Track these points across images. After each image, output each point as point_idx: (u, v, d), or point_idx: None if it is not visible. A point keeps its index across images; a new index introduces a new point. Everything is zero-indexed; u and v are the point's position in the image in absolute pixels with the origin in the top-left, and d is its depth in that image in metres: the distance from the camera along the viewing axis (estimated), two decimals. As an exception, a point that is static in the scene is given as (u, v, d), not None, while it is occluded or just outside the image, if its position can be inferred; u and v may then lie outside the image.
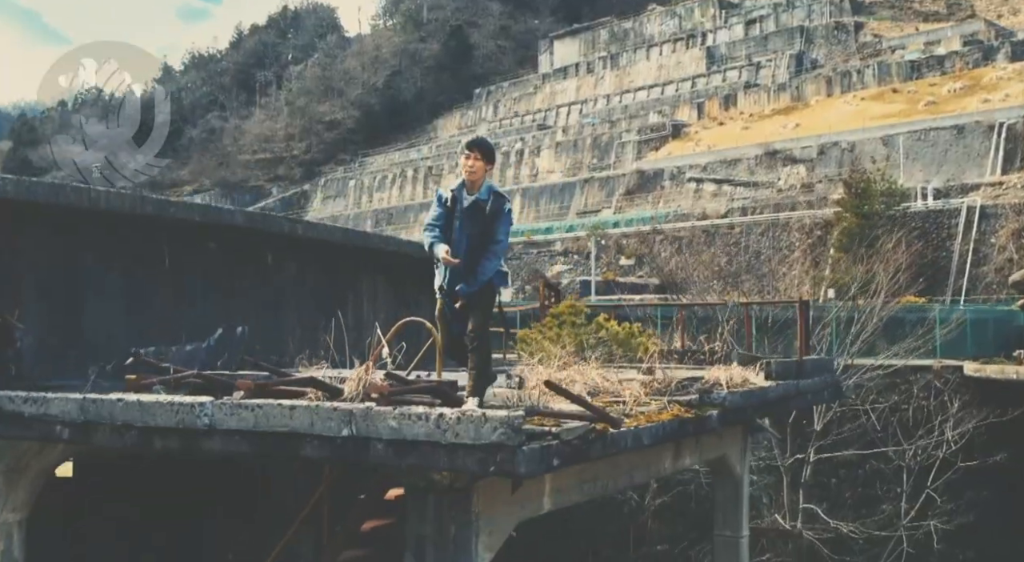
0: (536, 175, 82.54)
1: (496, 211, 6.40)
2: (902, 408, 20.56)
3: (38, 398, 6.82)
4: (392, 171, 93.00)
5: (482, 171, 6.42)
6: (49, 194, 8.65)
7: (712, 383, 8.81)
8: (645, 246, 58.37)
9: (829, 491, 20.78)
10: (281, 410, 5.97)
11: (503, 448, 5.36)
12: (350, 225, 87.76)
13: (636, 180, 72.34)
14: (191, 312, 10.21)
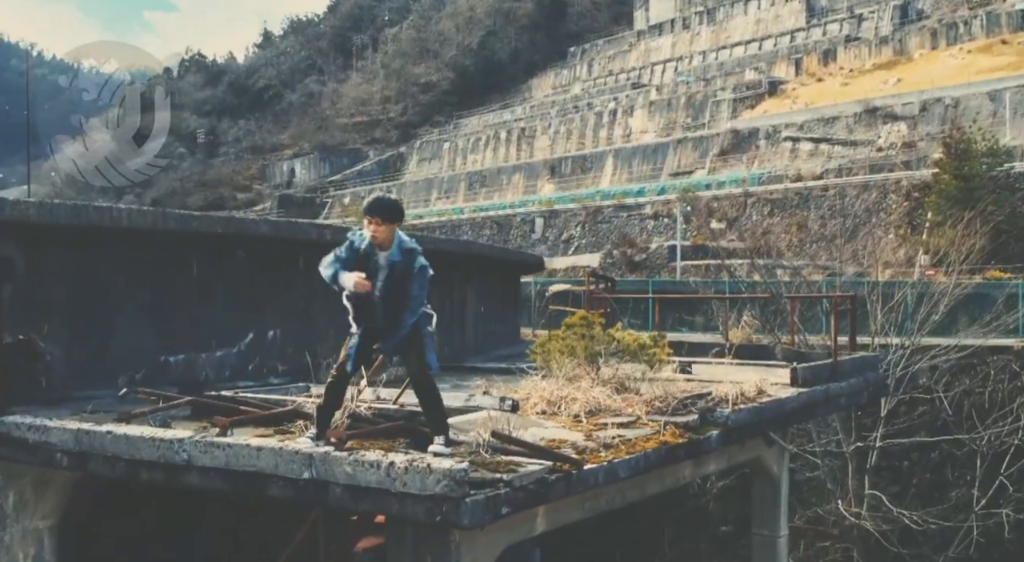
0: (629, 135, 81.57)
1: (408, 270, 6.36)
2: (976, 391, 19.91)
3: (39, 426, 7.15)
4: (486, 133, 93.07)
5: (386, 233, 6.35)
6: (70, 215, 8.99)
7: (718, 400, 8.70)
8: (736, 209, 57.39)
9: (897, 477, 20.32)
10: (249, 450, 6.16)
11: (448, 499, 5.44)
12: (444, 187, 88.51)
13: (730, 140, 70.92)
14: (220, 319, 10.50)
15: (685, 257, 52.22)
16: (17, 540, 8.57)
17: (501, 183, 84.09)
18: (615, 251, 54.25)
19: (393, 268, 6.38)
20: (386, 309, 6.42)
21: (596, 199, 66.12)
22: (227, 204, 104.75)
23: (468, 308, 14.59)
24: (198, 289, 10.34)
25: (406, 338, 6.32)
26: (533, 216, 67.29)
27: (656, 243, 55.13)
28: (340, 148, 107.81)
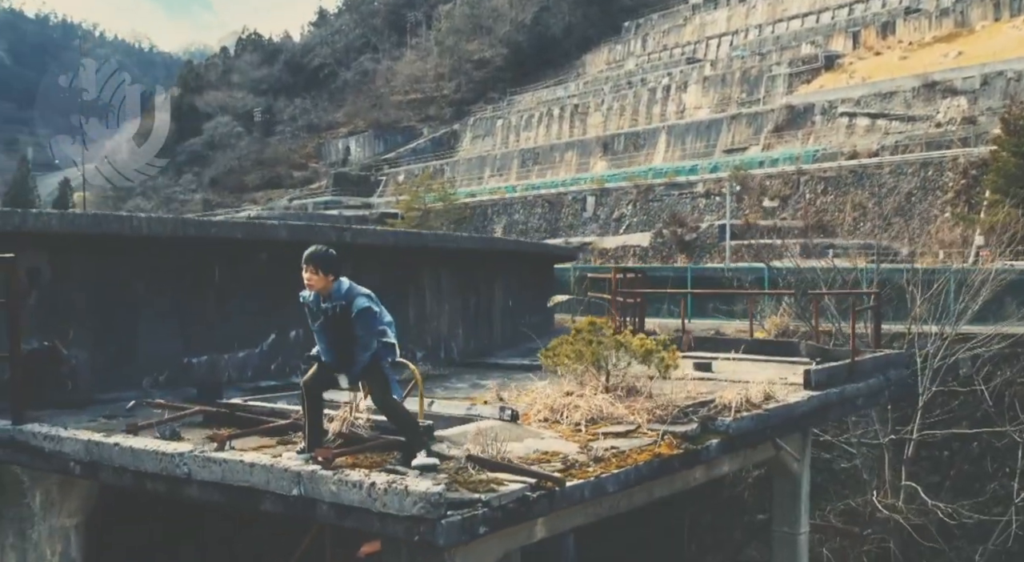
0: (683, 112, 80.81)
1: (347, 315, 6.58)
2: (1018, 381, 19.62)
3: (54, 436, 7.48)
4: (539, 110, 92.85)
5: (322, 282, 6.60)
6: (92, 224, 9.31)
7: (721, 407, 8.77)
8: (789, 187, 56.71)
9: (937, 466, 20.14)
10: (243, 466, 6.41)
11: (424, 521, 5.63)
12: (496, 165, 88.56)
13: (785, 116, 69.93)
14: (243, 321, 10.80)
15: (736, 237, 51.75)
16: (44, 537, 8.94)
17: (553, 160, 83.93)
18: (665, 231, 53.98)
19: (334, 313, 6.61)
20: (338, 349, 6.71)
21: (648, 177, 65.77)
22: (284, 182, 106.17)
23: (495, 303, 14.76)
24: (220, 293, 10.64)
25: (365, 371, 6.56)
26: (584, 194, 67.16)
27: (707, 222, 54.71)
28: (394, 126, 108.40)
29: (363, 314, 6.48)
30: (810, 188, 55.81)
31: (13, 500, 8.80)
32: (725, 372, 12.34)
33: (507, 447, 7.29)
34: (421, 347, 13.08)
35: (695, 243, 52.38)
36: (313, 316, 6.73)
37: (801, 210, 54.68)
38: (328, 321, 6.60)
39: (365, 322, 6.49)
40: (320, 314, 6.64)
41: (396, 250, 12.60)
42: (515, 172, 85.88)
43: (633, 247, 55.14)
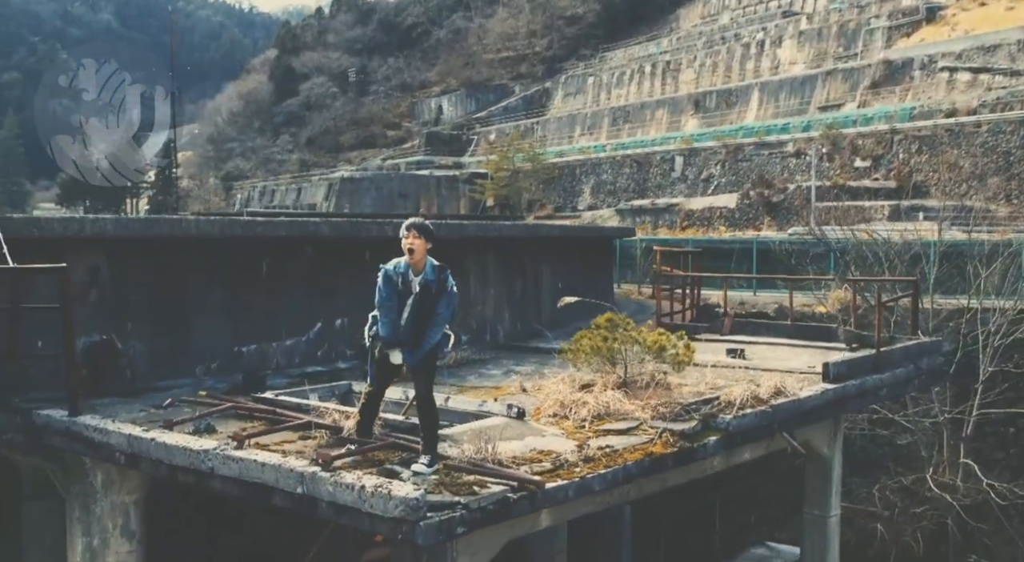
0: (777, 67, 79.20)
1: (440, 289, 7.09)
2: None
3: (102, 429, 8.36)
4: (630, 67, 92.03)
5: (422, 249, 7.08)
6: (145, 227, 10.16)
7: (724, 404, 9.19)
8: (882, 147, 55.43)
9: (1003, 443, 20.06)
10: (256, 464, 7.15)
11: (405, 522, 6.28)
12: (587, 124, 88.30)
13: (883, 71, 68.01)
14: (290, 311, 11.58)
15: (824, 198, 51.03)
16: (106, 512, 9.90)
17: (644, 119, 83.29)
18: (752, 192, 53.49)
19: (426, 287, 7.10)
20: (413, 325, 7.17)
21: (737, 136, 64.94)
22: (377, 142, 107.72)
23: (543, 286, 15.31)
24: (268, 286, 11.43)
25: (425, 357, 7.01)
26: (673, 154, 66.70)
27: (795, 184, 53.96)
28: (486, 84, 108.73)
29: (453, 292, 6.97)
30: (904, 148, 54.46)
31: (77, 479, 9.76)
32: (757, 359, 12.70)
33: (507, 446, 7.91)
34: (466, 331, 13.73)
35: (782, 205, 51.83)
36: (395, 289, 7.12)
37: (894, 170, 53.50)
38: (419, 295, 7.03)
39: (450, 301, 7.00)
40: (409, 286, 7.06)
41: (443, 241, 13.19)
42: (605, 131, 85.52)
43: (719, 209, 54.82)
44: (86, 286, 9.95)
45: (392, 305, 7.18)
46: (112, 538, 9.87)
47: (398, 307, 7.18)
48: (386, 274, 7.19)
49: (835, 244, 22.90)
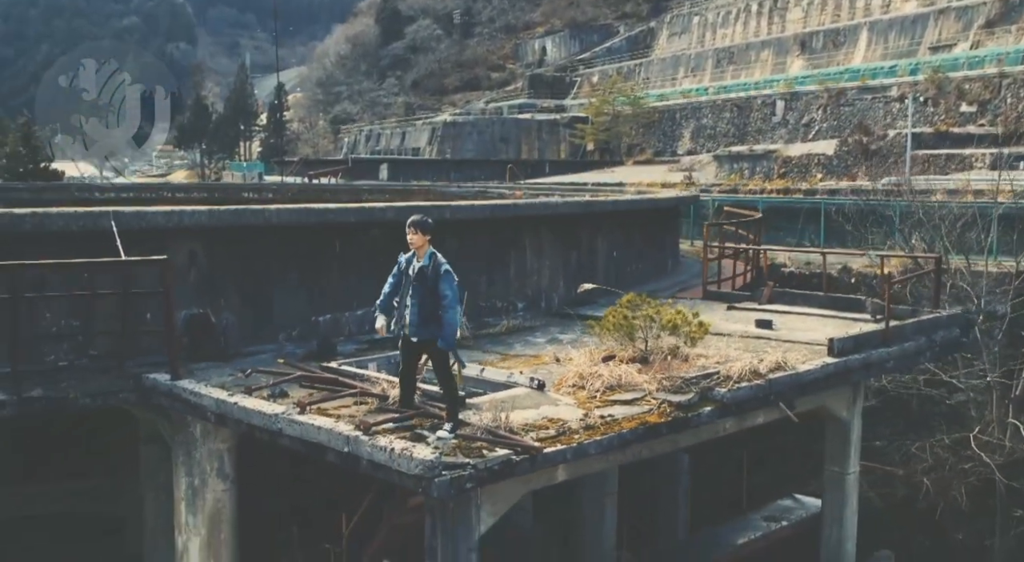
0: (888, 5, 77.48)
1: (435, 274, 8.71)
2: None
3: (196, 392, 10.28)
4: (737, 5, 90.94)
5: (420, 241, 8.73)
6: (233, 218, 12.01)
7: (723, 378, 10.61)
8: (989, 91, 54.38)
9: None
10: (313, 428, 8.95)
11: (423, 479, 7.99)
12: (691, 65, 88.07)
13: (998, 8, 66.18)
14: (360, 285, 13.32)
15: (926, 145, 50.58)
16: (205, 457, 11.91)
17: (749, 60, 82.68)
18: (850, 139, 53.28)
19: (422, 270, 8.79)
20: (418, 306, 8.83)
21: (840, 80, 64.26)
22: (481, 84, 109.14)
23: (599, 255, 16.79)
24: (341, 263, 13.24)
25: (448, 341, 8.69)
26: (774, 98, 66.45)
27: (896, 130, 53.49)
28: (590, 24, 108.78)
29: (448, 274, 8.60)
30: (1012, 92, 53.34)
31: (180, 429, 11.78)
32: (784, 330, 13.99)
33: (522, 414, 9.55)
34: (522, 299, 15.35)
35: (879, 153, 51.58)
36: (400, 272, 8.87)
37: (1001, 116, 52.55)
38: (416, 278, 8.68)
39: (450, 281, 8.63)
40: (409, 273, 8.74)
41: (495, 220, 14.81)
42: (709, 73, 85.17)
43: (817, 156, 54.77)
44: (186, 268, 11.88)
45: (393, 283, 8.89)
46: (210, 478, 11.88)
47: (398, 286, 8.85)
48: (398, 261, 8.88)
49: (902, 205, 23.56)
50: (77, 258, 10.50)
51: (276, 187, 40.60)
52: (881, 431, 21.85)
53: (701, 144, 69.98)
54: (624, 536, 15.36)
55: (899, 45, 71.43)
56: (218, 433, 11.78)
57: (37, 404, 10.61)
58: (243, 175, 72.30)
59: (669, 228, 20.28)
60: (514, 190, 29.73)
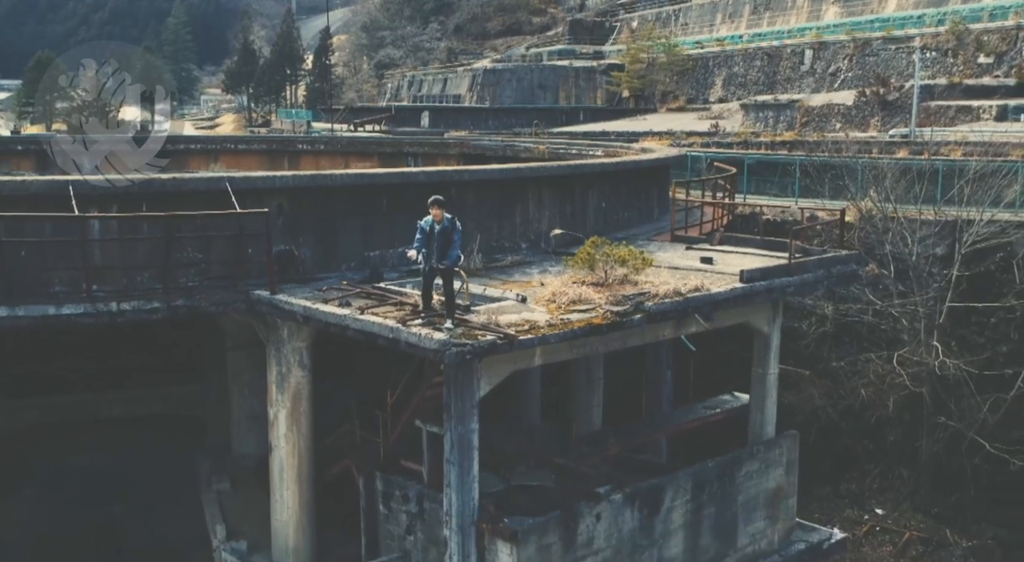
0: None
1: (452, 228, 13.86)
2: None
3: (289, 302, 15.53)
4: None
5: (438, 213, 13.89)
6: (310, 181, 17.20)
7: (652, 296, 15.63)
8: (1007, 43, 57.86)
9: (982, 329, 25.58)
10: (369, 322, 14.15)
11: (438, 352, 13.16)
12: (729, 11, 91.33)
13: (1030, -44, 68.84)
14: (401, 230, 18.41)
15: (939, 97, 54.43)
16: (290, 352, 17.22)
17: (785, 6, 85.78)
18: (868, 90, 57.20)
19: (444, 229, 13.96)
20: (440, 249, 14.02)
21: (866, 31, 67.79)
22: (523, 29, 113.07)
23: (589, 206, 21.76)
24: (386, 214, 18.38)
25: (452, 265, 13.85)
26: (803, 47, 70.19)
27: (911, 82, 57.23)
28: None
29: (458, 230, 13.83)
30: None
31: (273, 331, 17.09)
32: (721, 264, 18.92)
33: (507, 317, 14.68)
34: (525, 241, 20.43)
35: (896, 103, 55.49)
36: (425, 233, 14.03)
37: (1016, 67, 56.11)
38: (439, 235, 13.89)
39: (459, 233, 13.86)
40: (432, 232, 13.95)
41: (504, 180, 19.88)
42: (746, 19, 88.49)
43: (838, 105, 58.75)
44: (276, 216, 17.09)
45: (421, 238, 14.02)
46: (293, 367, 17.23)
47: (426, 241, 13.98)
48: (420, 226, 14.07)
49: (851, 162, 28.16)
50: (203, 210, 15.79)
51: (327, 139, 45.65)
52: (837, 353, 26.88)
53: (732, 92, 74.01)
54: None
55: (928, -7, 74.37)
56: (299, 334, 17.11)
57: (180, 310, 15.99)
58: (292, 122, 77.68)
59: (657, 183, 25.12)
60: (538, 144, 34.55)
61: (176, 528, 23.45)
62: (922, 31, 63.79)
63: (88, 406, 25.07)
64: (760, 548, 18.75)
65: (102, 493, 24.51)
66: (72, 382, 24.55)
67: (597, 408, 21.54)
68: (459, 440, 14.75)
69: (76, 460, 24.79)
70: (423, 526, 16.41)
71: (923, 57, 61.72)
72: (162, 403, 25.59)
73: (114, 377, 24.85)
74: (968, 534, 24.69)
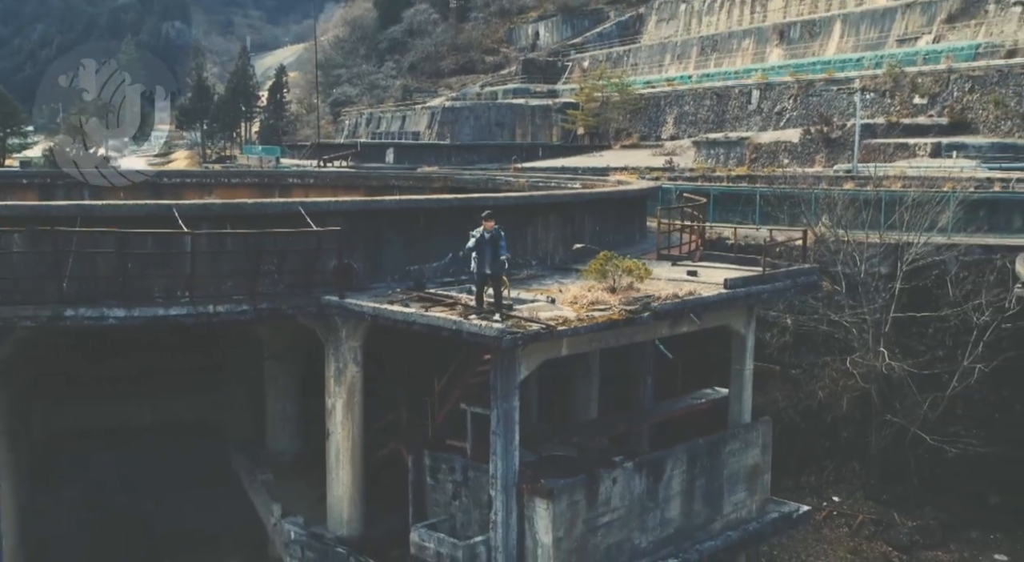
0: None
1: (498, 239, 17.51)
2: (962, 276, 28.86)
3: (358, 304, 19.04)
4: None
5: (491, 224, 17.52)
6: (363, 206, 20.75)
7: (657, 298, 19.38)
8: (939, 85, 63.14)
9: (923, 339, 29.78)
10: (435, 317, 17.72)
11: (495, 339, 16.77)
12: (677, 53, 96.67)
13: (959, 4, 74.68)
14: (436, 247, 22.05)
15: (879, 135, 59.36)
16: (347, 349, 20.69)
17: (731, 49, 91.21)
18: (813, 128, 62.04)
19: (494, 236, 17.61)
20: (491, 254, 17.63)
21: (809, 72, 73.00)
22: (476, 68, 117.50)
23: (585, 229, 25.56)
24: (425, 232, 21.98)
25: (501, 267, 17.45)
26: (750, 88, 75.18)
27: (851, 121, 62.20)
28: (582, 9, 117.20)
29: (504, 238, 17.42)
30: (958, 86, 62.14)
31: (332, 333, 20.56)
32: (704, 276, 22.77)
33: (544, 313, 18.35)
34: (535, 258, 24.17)
35: (839, 141, 60.37)
36: (480, 242, 17.53)
37: (948, 108, 61.37)
38: (489, 242, 17.44)
39: (505, 243, 17.45)
40: (484, 241, 17.49)
41: (518, 206, 23.62)
42: (694, 60, 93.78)
43: (785, 143, 63.53)
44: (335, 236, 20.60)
45: (476, 247, 17.60)
46: (349, 363, 20.72)
47: (479, 248, 17.58)
48: (472, 235, 17.67)
49: (803, 193, 32.46)
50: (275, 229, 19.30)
51: (316, 173, 49.06)
52: (797, 360, 30.92)
53: (683, 130, 78.75)
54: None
55: (869, 37, 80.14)
56: (355, 335, 20.61)
57: (264, 313, 19.44)
58: (259, 158, 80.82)
59: (638, 210, 29.09)
60: (519, 178, 38.40)
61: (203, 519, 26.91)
62: (861, 73, 69.03)
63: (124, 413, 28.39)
64: (741, 516, 22.46)
65: (135, 490, 27.76)
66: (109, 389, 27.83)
67: (593, 401, 25.25)
68: (504, 415, 18.33)
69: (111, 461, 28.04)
70: (467, 492, 19.92)
71: (863, 98, 66.97)
72: (188, 409, 28.92)
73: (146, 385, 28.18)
74: (913, 516, 28.76)
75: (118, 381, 27.83)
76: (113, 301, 18.53)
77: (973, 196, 31.12)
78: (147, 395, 28.40)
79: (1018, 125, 58.03)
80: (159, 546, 27.49)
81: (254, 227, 19.43)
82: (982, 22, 71.83)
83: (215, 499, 26.99)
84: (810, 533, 28.28)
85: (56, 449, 27.82)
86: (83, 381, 27.39)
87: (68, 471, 28.00)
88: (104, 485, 27.76)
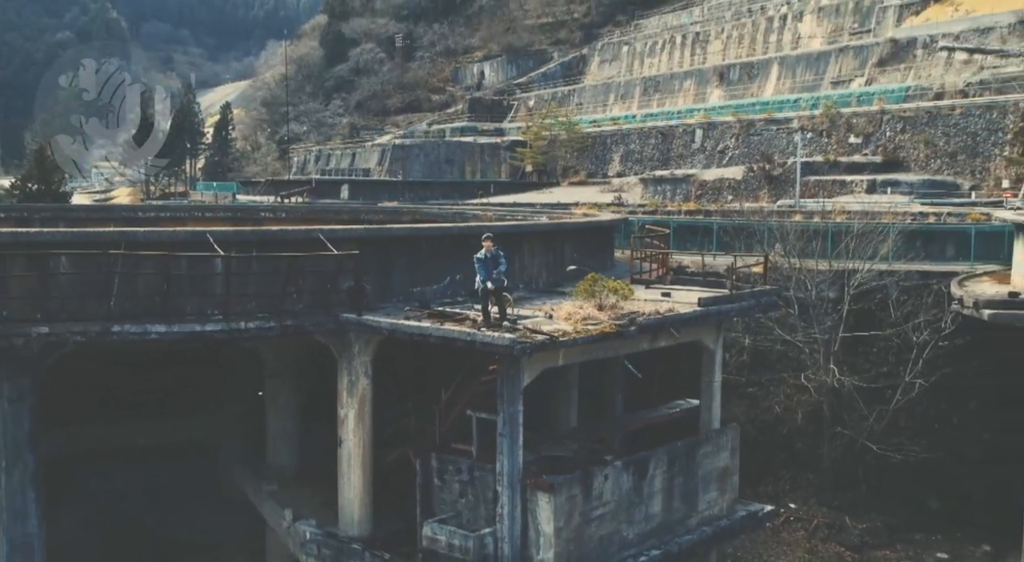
0: (797, 41, 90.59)
1: (497, 257, 20.08)
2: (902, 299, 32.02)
3: (375, 320, 21.38)
4: (662, 36, 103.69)
5: (492, 245, 20.10)
6: (374, 233, 23.17)
7: (641, 314, 22.00)
8: (872, 125, 67.27)
9: (868, 356, 32.80)
10: (450, 330, 20.14)
11: (506, 347, 19.22)
12: (620, 93, 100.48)
13: (889, 49, 79.22)
14: (437, 271, 24.46)
15: (818, 172, 63.10)
16: (358, 364, 22.98)
17: (673, 89, 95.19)
18: (755, 166, 65.69)
19: (494, 255, 20.16)
20: (491, 273, 20.16)
21: (749, 112, 76.94)
22: (423, 106, 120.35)
23: (565, 256, 28.19)
24: (427, 257, 24.40)
25: (502, 281, 19.98)
26: (694, 127, 78.90)
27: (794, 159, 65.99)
28: (527, 50, 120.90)
29: (504, 258, 19.99)
30: (891, 126, 66.26)
31: (346, 349, 22.85)
32: (676, 297, 25.48)
33: (545, 327, 20.87)
34: (522, 282, 26.73)
35: (780, 178, 64.05)
36: (483, 261, 20.12)
37: (881, 147, 65.41)
38: (490, 260, 20.02)
39: (504, 260, 20.01)
40: (486, 258, 20.05)
41: (508, 233, 26.18)
42: (637, 100, 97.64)
43: (728, 180, 67.11)
44: (348, 258, 22.96)
45: (481, 266, 20.12)
46: (360, 376, 23.02)
47: (485, 266, 20.10)
48: (477, 257, 20.22)
49: (758, 224, 35.60)
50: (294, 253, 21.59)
51: (288, 208, 51.26)
52: (754, 377, 33.77)
53: (629, 167, 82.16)
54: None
55: (805, 79, 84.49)
56: (366, 350, 22.95)
57: (289, 329, 21.69)
58: (214, 194, 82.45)
59: (607, 240, 31.86)
60: (485, 211, 40.98)
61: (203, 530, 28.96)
62: (799, 114, 73.05)
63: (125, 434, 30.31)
64: (714, 513, 25.05)
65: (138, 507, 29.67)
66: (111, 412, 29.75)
67: (573, 410, 27.79)
68: (510, 418, 20.76)
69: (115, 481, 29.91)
70: (473, 490, 22.27)
71: (803, 136, 70.95)
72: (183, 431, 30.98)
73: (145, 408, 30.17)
74: (862, 519, 31.66)
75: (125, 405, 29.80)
76: (155, 318, 20.68)
77: (911, 227, 34.50)
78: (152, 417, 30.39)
79: (947, 163, 62.13)
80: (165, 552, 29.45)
81: (278, 251, 21.75)
82: (911, 66, 76.34)
83: (215, 511, 29.05)
84: (770, 536, 31.02)
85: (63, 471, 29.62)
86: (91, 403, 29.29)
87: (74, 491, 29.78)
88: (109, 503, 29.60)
